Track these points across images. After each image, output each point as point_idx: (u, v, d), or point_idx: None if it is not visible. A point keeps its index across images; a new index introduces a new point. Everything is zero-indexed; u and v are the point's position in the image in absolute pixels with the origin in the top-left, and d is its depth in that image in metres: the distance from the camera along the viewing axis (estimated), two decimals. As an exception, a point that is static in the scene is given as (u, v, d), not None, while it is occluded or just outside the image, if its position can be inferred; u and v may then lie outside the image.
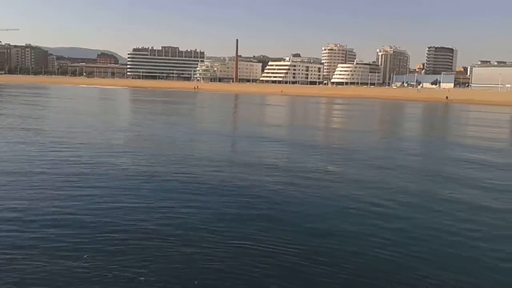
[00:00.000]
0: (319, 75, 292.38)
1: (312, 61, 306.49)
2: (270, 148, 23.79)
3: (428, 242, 9.62)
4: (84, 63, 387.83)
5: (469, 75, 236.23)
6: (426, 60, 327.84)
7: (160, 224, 10.10)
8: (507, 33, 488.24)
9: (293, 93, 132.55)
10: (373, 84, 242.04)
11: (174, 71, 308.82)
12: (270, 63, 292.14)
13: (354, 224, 10.71)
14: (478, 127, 43.08)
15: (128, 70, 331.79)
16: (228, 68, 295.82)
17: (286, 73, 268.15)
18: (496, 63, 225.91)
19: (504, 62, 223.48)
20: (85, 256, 8.10)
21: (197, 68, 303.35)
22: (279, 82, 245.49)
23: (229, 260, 8.24)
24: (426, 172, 18.54)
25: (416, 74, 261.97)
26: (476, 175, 17.55)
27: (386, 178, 16.38)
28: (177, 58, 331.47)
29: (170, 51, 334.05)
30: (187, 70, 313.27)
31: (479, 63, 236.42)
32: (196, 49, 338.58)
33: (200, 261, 8.19)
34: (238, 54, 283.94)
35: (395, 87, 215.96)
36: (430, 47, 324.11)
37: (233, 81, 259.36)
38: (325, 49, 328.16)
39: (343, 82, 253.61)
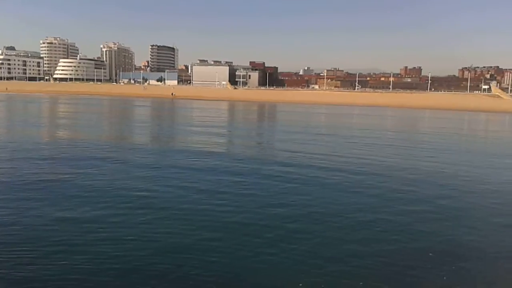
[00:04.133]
0: (39, 70, 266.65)
1: (30, 55, 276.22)
2: None
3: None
4: None
5: (190, 73, 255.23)
6: (150, 57, 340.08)
7: None
8: (217, 35, 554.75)
9: (22, 91, 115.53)
10: (100, 80, 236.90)
11: None
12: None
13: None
14: (201, 115, 52.65)
15: None
16: None
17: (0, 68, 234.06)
18: (212, 62, 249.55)
19: (220, 62, 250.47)
20: None
21: None
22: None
23: None
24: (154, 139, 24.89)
25: (142, 72, 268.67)
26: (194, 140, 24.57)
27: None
28: None
29: None
30: None
31: (198, 62, 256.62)
32: None
33: None
34: None
35: (122, 83, 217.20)
36: (153, 45, 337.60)
37: None
38: (43, 43, 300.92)
39: (67, 78, 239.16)
